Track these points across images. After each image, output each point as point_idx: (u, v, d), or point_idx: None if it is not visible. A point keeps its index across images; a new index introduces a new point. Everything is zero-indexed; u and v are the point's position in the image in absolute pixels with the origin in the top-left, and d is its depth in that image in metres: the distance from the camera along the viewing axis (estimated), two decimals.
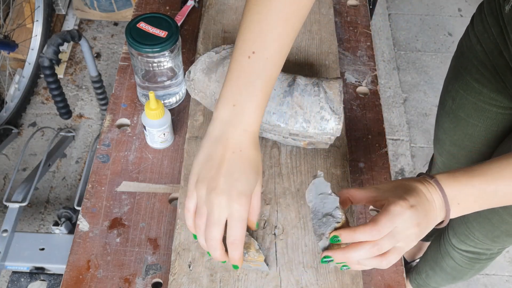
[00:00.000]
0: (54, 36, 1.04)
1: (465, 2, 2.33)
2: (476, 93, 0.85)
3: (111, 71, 1.95)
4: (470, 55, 0.84)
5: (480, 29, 0.81)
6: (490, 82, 0.82)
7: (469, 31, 0.86)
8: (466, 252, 1.06)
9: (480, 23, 0.81)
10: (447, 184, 0.55)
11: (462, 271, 1.13)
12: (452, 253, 1.10)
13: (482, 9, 0.82)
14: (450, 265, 1.13)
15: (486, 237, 0.96)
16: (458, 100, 0.91)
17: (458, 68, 0.89)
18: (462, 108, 0.91)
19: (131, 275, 0.65)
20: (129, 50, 0.72)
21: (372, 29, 1.85)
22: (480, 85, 0.84)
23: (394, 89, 2.00)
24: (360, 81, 0.87)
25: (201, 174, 0.54)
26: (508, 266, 1.60)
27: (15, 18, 1.78)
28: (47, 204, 1.63)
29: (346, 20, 0.96)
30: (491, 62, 0.79)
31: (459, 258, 1.09)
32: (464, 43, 0.87)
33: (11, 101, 1.74)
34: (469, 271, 1.12)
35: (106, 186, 0.73)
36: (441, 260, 1.15)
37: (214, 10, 0.94)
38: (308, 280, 0.64)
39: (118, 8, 2.00)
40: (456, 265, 1.12)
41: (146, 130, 0.73)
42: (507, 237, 0.92)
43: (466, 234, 1.00)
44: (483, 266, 1.11)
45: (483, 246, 1.00)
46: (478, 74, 0.83)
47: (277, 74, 0.56)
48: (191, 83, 0.78)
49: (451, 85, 0.93)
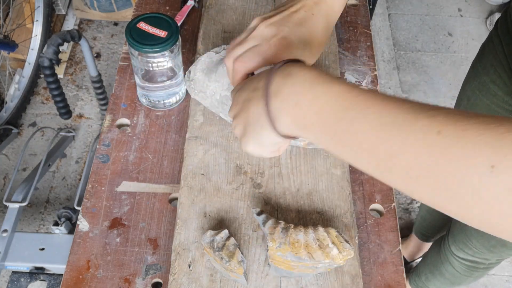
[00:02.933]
0: (54, 36, 1.04)
1: (465, 2, 2.33)
2: (491, 95, 0.86)
3: (111, 71, 1.95)
4: (490, 56, 0.85)
5: (504, 30, 0.81)
6: (505, 85, 0.82)
7: (492, 34, 0.86)
8: (464, 260, 1.07)
9: (504, 25, 0.81)
10: (299, 71, 0.44)
11: (461, 278, 1.13)
12: (451, 260, 1.10)
13: (507, 11, 0.82)
14: (449, 271, 1.14)
15: (483, 246, 0.96)
16: (473, 100, 0.91)
17: (477, 67, 0.90)
18: (475, 109, 0.91)
19: (131, 275, 0.65)
20: (129, 50, 0.72)
21: (372, 29, 1.85)
22: (495, 87, 0.84)
23: (394, 89, 2.00)
24: (360, 81, 0.87)
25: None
26: (508, 266, 1.61)
27: (15, 18, 1.78)
28: (47, 204, 1.63)
29: (346, 20, 0.96)
30: (509, 65, 0.79)
31: (458, 265, 1.10)
32: (486, 45, 0.88)
33: (11, 101, 1.74)
34: (467, 278, 1.13)
35: (106, 186, 0.73)
36: (441, 265, 1.16)
37: (214, 10, 0.94)
38: (308, 280, 0.64)
39: (118, 8, 2.00)
40: (455, 272, 1.12)
41: None
42: (502, 247, 0.93)
43: (465, 241, 1.01)
44: (481, 274, 1.11)
45: (481, 255, 1.01)
46: (495, 75, 0.83)
47: None
48: (191, 83, 0.78)
49: (468, 85, 0.94)
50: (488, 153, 0.31)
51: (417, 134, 0.34)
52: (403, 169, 0.35)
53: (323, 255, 0.58)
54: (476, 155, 0.31)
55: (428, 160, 0.33)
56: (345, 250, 0.59)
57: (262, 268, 0.65)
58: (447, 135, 0.33)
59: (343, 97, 0.39)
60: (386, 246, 0.69)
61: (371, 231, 0.70)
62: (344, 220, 0.69)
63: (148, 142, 0.78)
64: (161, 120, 0.80)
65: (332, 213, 0.70)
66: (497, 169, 0.30)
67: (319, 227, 0.62)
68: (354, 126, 0.38)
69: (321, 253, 0.58)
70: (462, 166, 0.32)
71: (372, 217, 0.72)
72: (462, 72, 2.07)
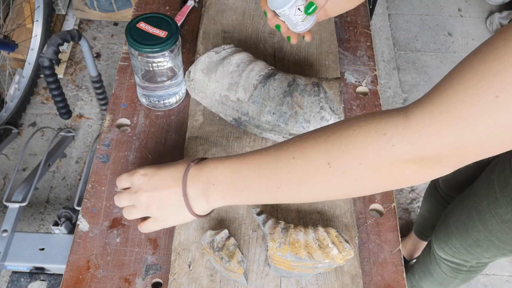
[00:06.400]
0: (54, 36, 1.04)
1: (465, 2, 2.33)
2: None
3: (111, 71, 1.95)
4: None
5: None
6: None
7: None
8: (446, 261, 1.08)
9: None
10: (207, 163, 0.56)
11: (447, 279, 1.14)
12: (437, 260, 1.12)
13: None
14: (436, 271, 1.15)
15: (461, 245, 0.97)
16: None
17: None
18: None
19: (131, 275, 0.65)
20: (129, 50, 0.72)
21: (372, 29, 1.85)
22: None
23: (394, 89, 2.00)
24: (360, 81, 0.87)
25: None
26: (508, 266, 1.61)
27: (15, 18, 1.78)
28: (47, 204, 1.63)
29: (346, 20, 0.96)
30: None
31: (443, 266, 1.11)
32: None
33: (11, 101, 1.74)
34: (454, 280, 1.13)
35: (106, 186, 0.73)
36: (429, 264, 1.17)
37: (214, 10, 0.94)
38: (308, 280, 0.64)
39: (118, 8, 2.00)
40: (441, 272, 1.13)
41: (280, 17, 0.67)
42: (478, 248, 0.93)
43: (445, 240, 1.02)
44: (467, 278, 1.12)
45: (460, 256, 1.01)
46: None
47: None
48: (191, 83, 0.78)
49: None
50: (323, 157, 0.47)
51: (281, 165, 0.50)
52: (285, 189, 0.51)
53: (323, 255, 0.58)
54: (315, 161, 0.48)
55: (294, 175, 0.49)
56: (345, 250, 0.59)
57: (262, 268, 0.65)
58: (297, 157, 0.49)
59: (234, 167, 0.54)
60: (386, 246, 0.69)
61: (371, 231, 0.70)
62: (344, 220, 0.69)
63: (148, 142, 0.78)
64: (161, 120, 0.80)
65: (332, 213, 0.70)
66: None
67: (319, 227, 0.62)
68: (248, 180, 0.53)
69: (321, 253, 0.58)
70: (309, 170, 0.48)
71: (372, 217, 0.72)
72: None
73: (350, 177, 0.46)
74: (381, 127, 0.44)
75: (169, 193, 0.57)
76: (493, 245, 0.89)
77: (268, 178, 0.51)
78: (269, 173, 0.51)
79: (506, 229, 0.83)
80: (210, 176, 0.55)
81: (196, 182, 0.56)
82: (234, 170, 0.53)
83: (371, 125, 0.45)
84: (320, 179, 0.48)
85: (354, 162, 0.45)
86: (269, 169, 0.51)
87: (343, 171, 0.46)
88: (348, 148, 0.45)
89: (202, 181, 0.55)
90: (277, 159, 0.50)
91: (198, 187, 0.56)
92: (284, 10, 0.63)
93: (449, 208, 1.03)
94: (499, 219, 0.83)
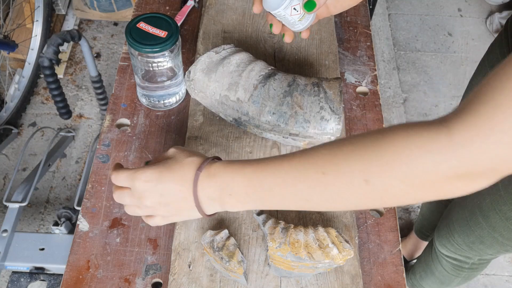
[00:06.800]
0: (54, 36, 1.04)
1: (465, 2, 2.33)
2: None
3: (111, 71, 1.95)
4: (497, 50, 0.86)
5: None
6: None
7: (502, 32, 0.87)
8: (448, 257, 1.07)
9: None
10: (220, 170, 0.53)
11: (449, 277, 1.14)
12: (439, 257, 1.11)
13: None
14: (438, 269, 1.15)
15: (464, 242, 0.97)
16: None
17: (484, 64, 0.91)
18: None
19: (131, 275, 0.65)
20: (129, 50, 0.72)
21: (372, 29, 1.85)
22: None
23: (394, 89, 2.00)
24: (360, 81, 0.87)
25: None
26: (508, 266, 1.61)
27: (15, 18, 1.78)
28: (47, 204, 1.63)
29: (346, 20, 0.96)
30: None
31: (445, 264, 1.11)
32: (496, 41, 0.88)
33: (11, 101, 1.74)
34: (456, 278, 1.13)
35: (106, 186, 0.73)
36: (431, 263, 1.16)
37: (214, 10, 0.94)
38: (308, 280, 0.64)
39: (118, 8, 2.00)
40: (443, 270, 1.13)
41: (277, 17, 0.66)
42: (481, 245, 0.93)
43: (447, 237, 1.02)
44: (469, 276, 1.12)
45: (462, 253, 1.01)
46: None
47: None
48: (191, 83, 0.78)
49: (475, 80, 0.95)
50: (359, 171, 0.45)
51: (310, 181, 0.48)
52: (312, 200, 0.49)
53: (323, 255, 0.58)
54: (350, 179, 0.45)
55: (326, 191, 0.47)
56: (345, 250, 0.59)
57: (262, 268, 0.65)
58: (328, 173, 0.46)
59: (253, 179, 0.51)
60: (386, 246, 0.69)
61: (371, 231, 0.70)
62: (344, 220, 0.69)
63: (148, 142, 0.78)
64: (161, 120, 0.80)
65: (332, 213, 0.70)
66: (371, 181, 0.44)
67: (319, 227, 0.62)
68: (271, 193, 0.50)
69: (321, 253, 0.58)
70: (343, 187, 0.46)
71: (372, 217, 0.72)
72: (462, 72, 2.07)
73: (389, 193, 0.45)
74: (423, 143, 0.41)
75: (178, 199, 0.55)
76: (497, 242, 0.89)
77: (295, 191, 0.49)
78: (296, 188, 0.49)
79: (510, 226, 0.83)
80: (224, 186, 0.52)
81: (208, 189, 0.53)
82: (254, 183, 0.51)
83: (411, 140, 0.42)
84: (355, 195, 0.46)
85: (396, 179, 0.43)
86: (295, 183, 0.49)
87: (383, 189, 0.44)
88: (388, 166, 0.43)
89: (216, 190, 0.53)
90: (305, 174, 0.48)
91: (212, 194, 0.53)
92: (279, 11, 0.63)
93: (452, 205, 1.03)
94: (502, 216, 0.83)
